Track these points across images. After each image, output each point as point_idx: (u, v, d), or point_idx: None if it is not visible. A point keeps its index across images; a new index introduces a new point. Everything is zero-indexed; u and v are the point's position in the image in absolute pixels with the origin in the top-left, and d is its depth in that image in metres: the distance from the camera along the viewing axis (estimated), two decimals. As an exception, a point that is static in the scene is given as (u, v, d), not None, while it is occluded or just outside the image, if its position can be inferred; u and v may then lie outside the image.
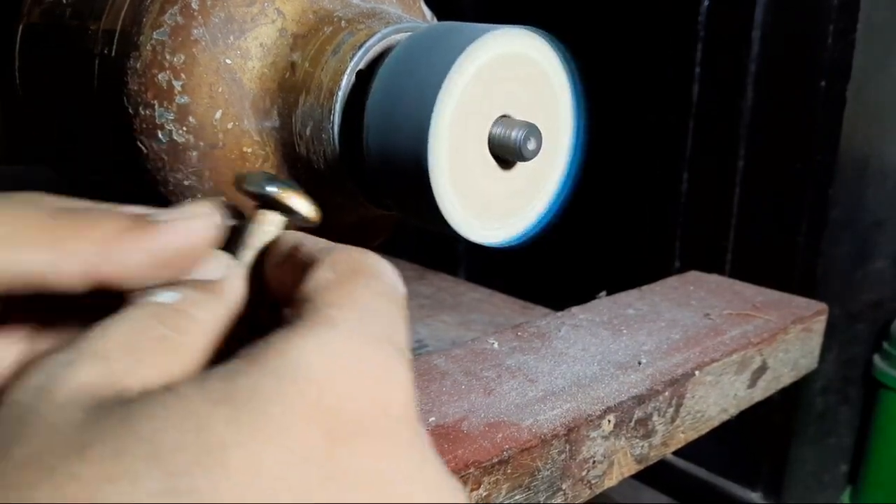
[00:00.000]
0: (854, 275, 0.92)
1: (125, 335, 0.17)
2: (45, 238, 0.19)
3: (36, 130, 0.42)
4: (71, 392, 0.15)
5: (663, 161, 0.95)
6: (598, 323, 0.41)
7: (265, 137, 0.32)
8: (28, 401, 0.15)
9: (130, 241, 0.19)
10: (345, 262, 0.19)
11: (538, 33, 0.28)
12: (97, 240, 0.19)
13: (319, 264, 0.19)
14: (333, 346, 0.16)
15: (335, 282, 0.18)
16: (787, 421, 0.91)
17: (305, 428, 0.15)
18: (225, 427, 0.14)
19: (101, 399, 0.15)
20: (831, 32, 0.80)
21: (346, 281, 0.18)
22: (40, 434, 0.14)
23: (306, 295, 0.18)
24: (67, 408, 0.15)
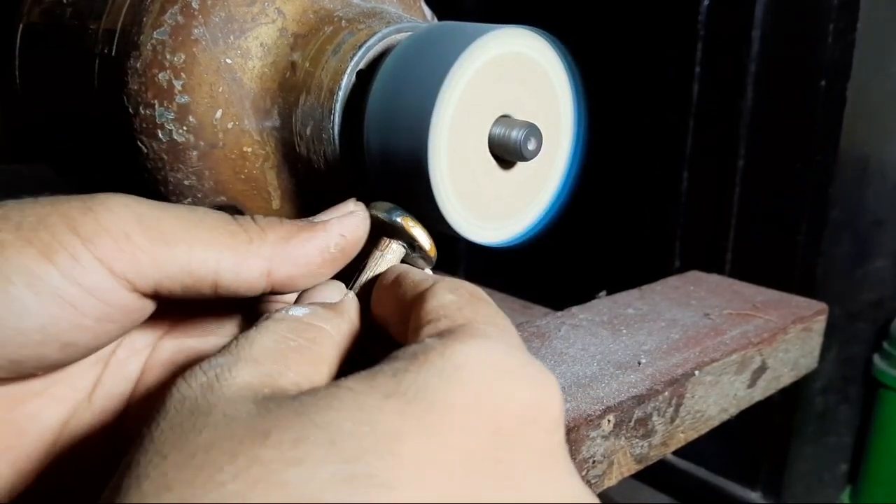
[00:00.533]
0: (854, 274, 0.92)
1: (270, 344, 0.19)
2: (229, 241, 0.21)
3: (36, 130, 0.42)
4: (237, 389, 0.17)
5: (663, 161, 0.95)
6: (598, 323, 0.41)
7: (265, 137, 0.32)
8: (197, 395, 0.17)
9: (303, 239, 0.22)
10: (461, 287, 0.21)
11: (539, 33, 0.28)
12: (274, 241, 0.22)
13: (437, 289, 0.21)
14: (490, 353, 0.17)
15: (465, 302, 0.20)
16: (787, 420, 0.91)
17: (472, 425, 0.16)
18: (396, 418, 0.15)
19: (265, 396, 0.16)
20: (831, 32, 0.80)
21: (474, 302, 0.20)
22: (219, 422, 0.15)
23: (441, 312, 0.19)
24: (238, 401, 0.16)
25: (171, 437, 0.15)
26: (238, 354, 0.18)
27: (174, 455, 0.15)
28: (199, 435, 0.15)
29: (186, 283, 0.21)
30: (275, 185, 0.33)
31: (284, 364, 0.18)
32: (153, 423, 0.16)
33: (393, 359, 0.17)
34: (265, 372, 0.18)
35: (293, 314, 0.20)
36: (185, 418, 0.16)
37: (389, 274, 0.24)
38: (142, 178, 0.33)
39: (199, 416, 0.16)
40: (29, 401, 0.22)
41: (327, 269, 0.23)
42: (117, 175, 0.36)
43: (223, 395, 0.16)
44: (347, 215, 0.24)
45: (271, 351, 0.18)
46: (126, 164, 0.34)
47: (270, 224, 0.22)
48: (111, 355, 0.24)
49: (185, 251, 0.20)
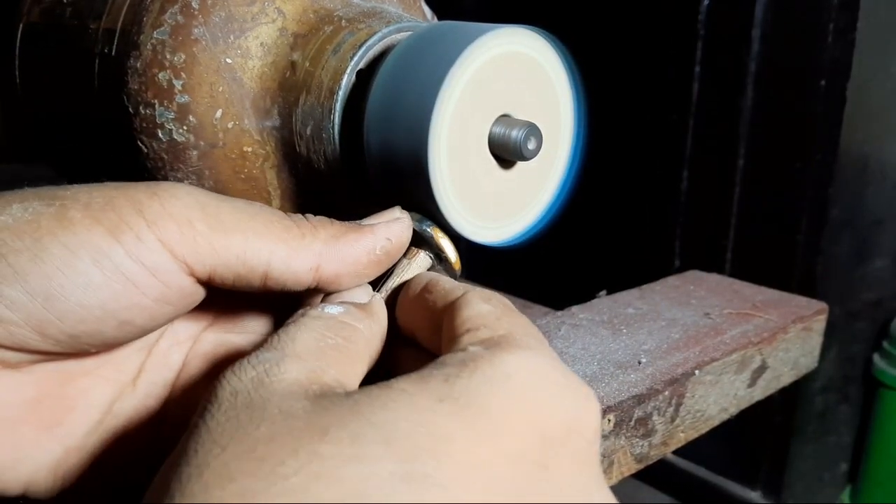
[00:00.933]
0: (854, 274, 0.92)
1: (311, 342, 0.19)
2: (283, 234, 0.22)
3: (36, 129, 0.42)
4: (287, 384, 0.17)
5: (663, 161, 0.95)
6: (598, 322, 0.41)
7: (265, 137, 0.32)
8: (249, 389, 0.17)
9: (351, 240, 0.23)
10: (494, 297, 0.22)
11: (539, 33, 0.28)
12: (325, 238, 0.23)
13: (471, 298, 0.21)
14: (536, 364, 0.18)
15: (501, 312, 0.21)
16: (787, 420, 0.91)
17: (521, 431, 0.16)
18: (450, 421, 0.16)
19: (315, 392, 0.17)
20: (831, 32, 0.80)
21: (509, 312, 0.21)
22: (276, 417, 0.16)
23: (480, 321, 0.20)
24: (291, 397, 0.17)
25: (228, 428, 0.16)
26: (283, 350, 0.19)
27: (234, 446, 0.15)
28: (258, 428, 0.16)
29: (240, 271, 0.21)
30: (275, 184, 0.33)
31: (325, 361, 0.19)
32: (207, 413, 0.17)
33: (441, 364, 0.18)
34: (310, 368, 0.18)
35: (329, 312, 0.21)
36: (241, 411, 0.16)
37: (417, 281, 0.25)
38: (142, 178, 0.33)
39: (255, 409, 0.16)
40: (79, 378, 0.22)
41: (372, 269, 0.24)
42: (117, 175, 0.36)
43: (275, 390, 0.17)
44: (393, 221, 0.25)
45: (312, 348, 0.19)
46: (126, 163, 0.34)
47: (322, 222, 0.23)
48: (154, 344, 0.24)
49: (241, 240, 0.21)
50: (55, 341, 0.20)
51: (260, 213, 0.22)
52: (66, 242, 0.19)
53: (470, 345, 0.19)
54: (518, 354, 0.18)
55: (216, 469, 0.15)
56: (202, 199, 0.21)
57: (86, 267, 0.19)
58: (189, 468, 0.15)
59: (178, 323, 0.25)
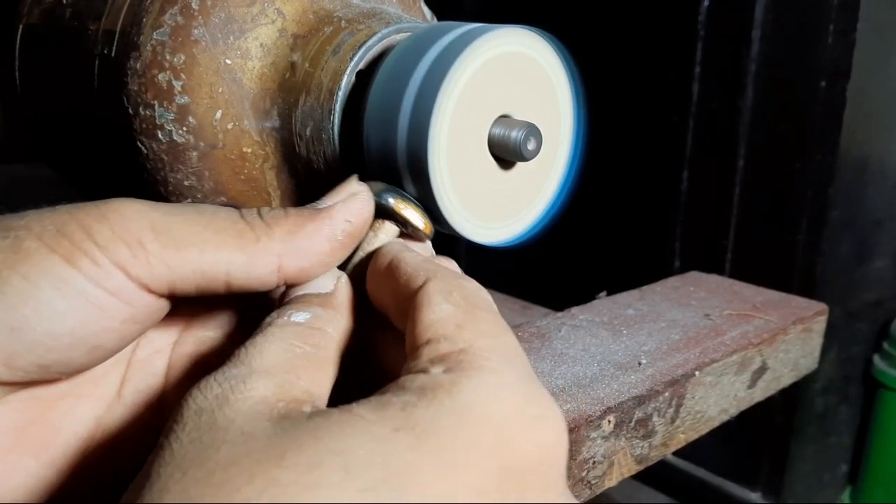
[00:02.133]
0: (854, 274, 0.92)
1: (279, 354, 0.19)
2: (237, 241, 0.21)
3: (36, 130, 0.42)
4: (252, 403, 0.17)
5: (663, 161, 0.95)
6: (598, 323, 0.41)
7: (265, 138, 0.32)
8: (213, 408, 0.17)
9: (310, 231, 0.22)
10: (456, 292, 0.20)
11: (538, 33, 0.28)
12: (281, 236, 0.22)
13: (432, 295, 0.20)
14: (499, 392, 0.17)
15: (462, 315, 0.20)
16: (788, 421, 0.91)
17: (482, 464, 0.16)
18: (408, 453, 0.16)
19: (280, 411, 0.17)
20: (831, 32, 0.80)
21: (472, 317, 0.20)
22: (237, 439, 0.16)
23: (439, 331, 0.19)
24: (254, 417, 0.17)
25: (190, 451, 0.16)
26: (251, 366, 0.18)
27: (194, 471, 0.15)
28: (218, 451, 0.16)
29: (199, 283, 0.21)
30: (274, 185, 0.33)
31: (295, 373, 0.19)
32: (171, 434, 0.17)
33: (401, 389, 0.17)
34: (278, 383, 0.18)
35: (296, 320, 0.21)
36: (204, 432, 0.16)
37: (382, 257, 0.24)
38: (141, 179, 0.33)
39: (218, 430, 0.16)
40: (59, 401, 0.22)
41: (336, 256, 0.23)
42: (117, 175, 0.36)
43: (239, 409, 0.17)
44: (351, 198, 0.24)
45: (280, 361, 0.19)
46: (126, 164, 0.34)
47: (276, 218, 0.22)
48: (132, 355, 0.24)
49: (195, 255, 0.21)
50: (24, 372, 0.20)
51: (213, 221, 0.21)
52: (26, 273, 0.19)
53: (430, 361, 0.19)
54: (479, 380, 0.17)
55: (176, 494, 0.15)
56: (151, 216, 0.21)
57: (48, 296, 0.19)
58: (151, 492, 0.15)
59: (152, 332, 0.25)
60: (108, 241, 0.20)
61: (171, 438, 0.17)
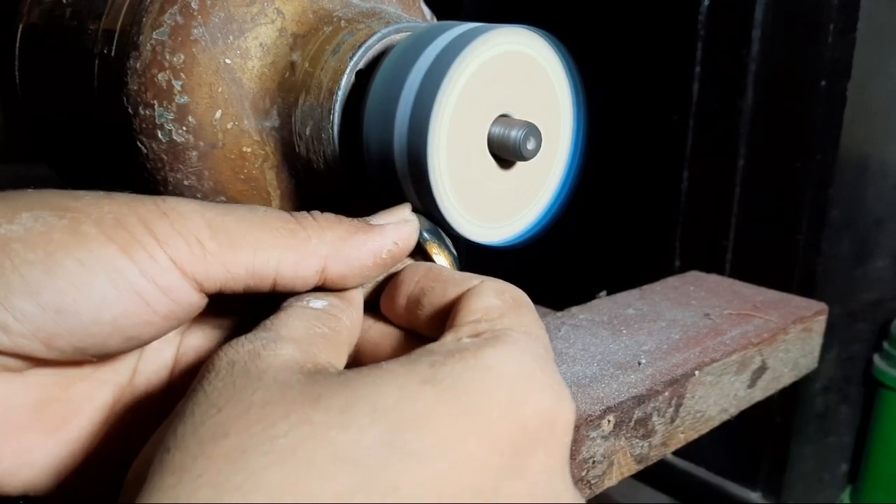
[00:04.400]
0: (854, 274, 0.92)
1: (303, 329, 0.20)
2: (290, 241, 0.22)
3: (36, 130, 0.42)
4: (283, 361, 0.18)
5: (663, 161, 0.95)
6: (598, 323, 0.41)
7: (265, 137, 0.32)
8: (246, 360, 0.18)
9: (359, 242, 0.23)
10: (508, 293, 0.22)
11: (538, 33, 0.28)
12: (331, 240, 0.23)
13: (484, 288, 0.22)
14: (518, 359, 0.19)
15: (507, 308, 0.21)
16: (787, 421, 0.91)
17: (498, 417, 0.17)
18: (431, 400, 0.17)
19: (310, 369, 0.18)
20: (832, 32, 0.80)
21: (516, 310, 0.21)
22: (271, 385, 0.17)
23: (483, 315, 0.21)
24: (286, 370, 0.18)
25: (224, 392, 0.17)
26: (278, 332, 0.20)
27: (230, 408, 0.16)
28: (253, 394, 0.17)
29: (249, 283, 0.22)
30: (274, 185, 0.33)
31: (316, 347, 0.20)
32: (204, 380, 0.18)
33: (430, 351, 0.19)
34: (304, 350, 0.19)
35: (314, 306, 0.22)
36: (238, 378, 0.17)
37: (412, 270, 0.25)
38: (141, 178, 0.33)
39: (251, 378, 0.17)
40: (79, 382, 0.23)
41: (376, 272, 0.24)
42: (117, 175, 0.36)
43: (271, 363, 0.18)
44: (402, 223, 0.24)
45: (304, 335, 0.20)
46: (126, 164, 0.34)
47: (329, 222, 0.23)
48: None
49: (250, 254, 0.21)
50: (60, 352, 0.20)
51: (265, 219, 0.22)
52: (81, 258, 0.19)
53: (466, 334, 0.20)
54: (503, 350, 0.19)
55: (211, 427, 0.16)
56: (208, 216, 0.21)
57: (101, 284, 0.20)
58: (185, 426, 0.16)
59: None
60: (168, 237, 0.20)
61: (203, 384, 0.17)
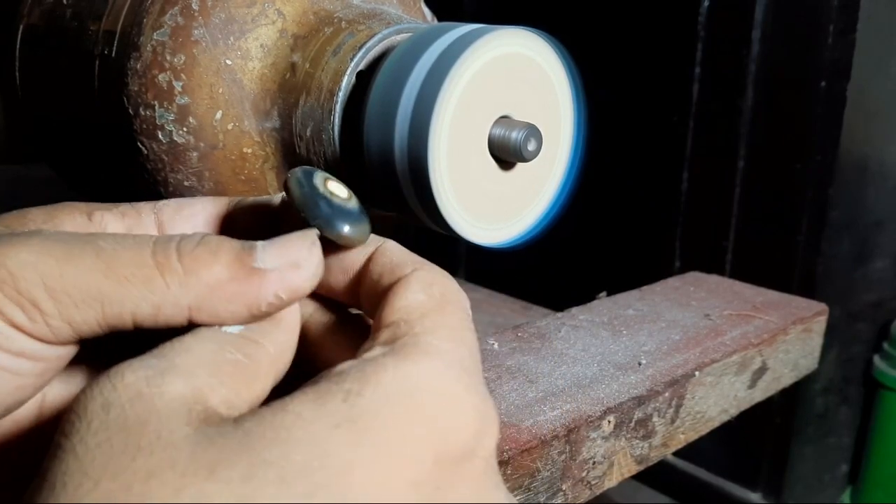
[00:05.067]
0: (854, 275, 0.92)
1: (206, 356, 0.18)
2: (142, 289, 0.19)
3: (36, 130, 0.42)
4: (168, 400, 0.16)
5: (663, 161, 0.95)
6: (599, 323, 0.41)
7: (265, 138, 0.32)
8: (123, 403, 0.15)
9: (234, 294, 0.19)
10: (436, 286, 0.20)
11: (538, 34, 0.28)
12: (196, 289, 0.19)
13: (411, 282, 0.20)
14: (442, 378, 0.17)
15: (431, 309, 0.19)
16: (788, 421, 0.91)
17: (419, 455, 0.16)
18: (347, 451, 0.15)
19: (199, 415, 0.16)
20: (831, 32, 0.80)
21: (440, 309, 0.19)
22: (155, 447, 0.15)
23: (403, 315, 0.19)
24: (173, 421, 0.15)
25: (99, 455, 0.14)
26: (173, 360, 0.17)
27: (107, 482, 0.14)
28: (134, 461, 0.14)
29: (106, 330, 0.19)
30: (275, 185, 0.33)
31: (218, 378, 0.17)
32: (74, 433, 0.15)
33: (342, 377, 0.17)
34: (198, 385, 0.17)
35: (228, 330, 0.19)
36: (114, 433, 0.15)
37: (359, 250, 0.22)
38: (142, 179, 0.33)
39: (130, 433, 0.15)
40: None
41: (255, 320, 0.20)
42: (117, 176, 0.36)
43: (153, 407, 0.15)
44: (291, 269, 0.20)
45: (206, 364, 0.17)
46: (126, 164, 0.34)
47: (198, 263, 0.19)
48: None
49: (97, 311, 0.19)
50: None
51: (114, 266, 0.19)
52: None
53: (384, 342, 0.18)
54: (423, 365, 0.17)
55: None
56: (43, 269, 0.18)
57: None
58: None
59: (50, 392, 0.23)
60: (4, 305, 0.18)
61: (73, 439, 0.15)
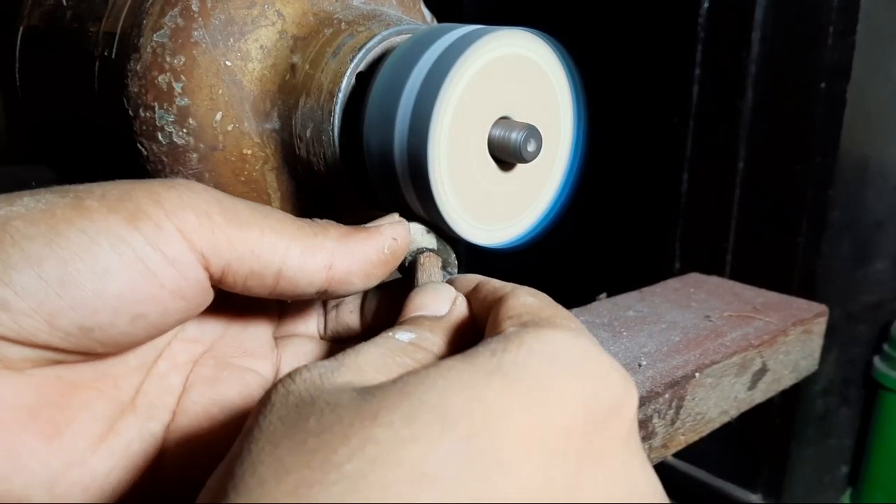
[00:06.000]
0: (854, 276, 0.92)
1: (377, 357, 0.19)
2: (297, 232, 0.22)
3: (36, 132, 0.42)
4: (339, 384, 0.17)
5: (663, 161, 0.95)
6: (599, 325, 0.41)
7: (265, 139, 0.32)
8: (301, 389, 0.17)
9: (361, 238, 0.24)
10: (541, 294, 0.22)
11: (538, 35, 0.28)
12: (335, 237, 0.23)
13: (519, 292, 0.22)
14: (582, 344, 0.18)
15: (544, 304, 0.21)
16: (788, 423, 0.91)
17: (570, 407, 0.17)
18: (502, 396, 0.16)
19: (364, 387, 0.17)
20: (831, 33, 0.80)
21: (552, 305, 0.21)
22: (324, 409, 0.16)
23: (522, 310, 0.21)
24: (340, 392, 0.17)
25: (280, 427, 0.16)
26: (343, 360, 0.19)
27: (286, 442, 0.15)
28: (307, 422, 0.16)
29: (254, 267, 0.21)
30: (275, 187, 0.33)
31: (387, 375, 0.19)
32: (260, 415, 0.17)
33: (486, 343, 0.18)
34: (367, 378, 0.18)
35: (399, 339, 0.21)
36: (291, 410, 0.16)
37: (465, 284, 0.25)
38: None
39: (304, 406, 0.16)
40: (79, 390, 0.22)
41: (381, 269, 0.24)
42: (117, 177, 0.36)
43: (325, 388, 0.17)
44: (396, 223, 0.25)
45: (375, 363, 0.19)
46: (126, 166, 0.34)
47: (330, 223, 0.24)
48: (153, 365, 0.24)
49: (257, 235, 0.21)
50: (65, 333, 0.19)
51: (273, 212, 0.22)
52: (84, 229, 0.19)
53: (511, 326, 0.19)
54: (563, 333, 0.18)
55: (270, 464, 0.15)
56: (218, 196, 0.21)
57: (105, 253, 0.19)
58: (243, 466, 0.15)
59: (176, 344, 0.25)
60: (177, 208, 0.20)
61: (258, 419, 0.17)
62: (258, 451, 0.15)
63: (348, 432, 0.15)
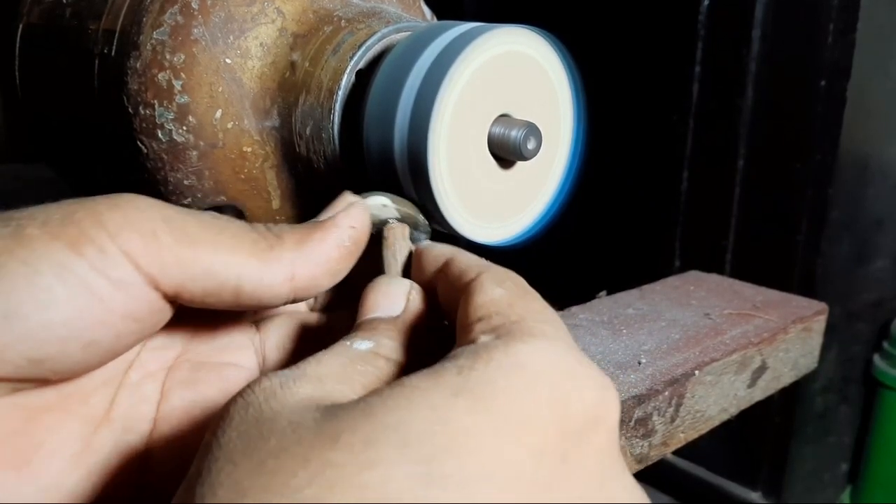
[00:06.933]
0: (854, 274, 0.92)
1: (336, 367, 0.19)
2: (251, 247, 0.21)
3: (36, 130, 0.42)
4: (299, 399, 0.17)
5: (663, 161, 0.95)
6: (598, 323, 0.41)
7: (265, 137, 0.32)
8: (260, 401, 0.17)
9: (318, 239, 0.22)
10: (508, 279, 0.21)
11: (538, 32, 0.28)
12: (292, 245, 0.22)
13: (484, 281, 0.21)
14: (552, 353, 0.17)
15: (514, 297, 0.20)
16: (787, 420, 0.91)
17: (540, 424, 0.16)
18: (466, 417, 0.15)
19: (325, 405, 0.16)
20: (831, 32, 0.80)
21: (522, 297, 0.20)
22: (285, 428, 0.16)
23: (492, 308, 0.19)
24: (301, 410, 0.16)
25: (239, 444, 0.16)
26: (304, 370, 0.18)
27: (245, 462, 0.15)
28: (267, 442, 0.15)
29: (208, 286, 0.20)
30: (274, 184, 0.33)
31: (349, 385, 0.18)
32: (218, 430, 0.16)
33: (454, 357, 0.17)
34: (328, 389, 0.18)
35: (358, 348, 0.20)
36: (251, 425, 0.16)
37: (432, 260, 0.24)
38: (142, 178, 0.33)
39: (264, 422, 0.16)
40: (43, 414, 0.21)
41: (345, 263, 0.23)
42: (117, 175, 0.36)
43: (286, 402, 0.17)
44: (349, 207, 0.24)
45: (335, 373, 0.19)
46: (126, 163, 0.34)
47: (283, 230, 0.22)
48: (124, 376, 0.23)
49: (209, 253, 0.20)
50: (14, 367, 0.19)
51: (227, 227, 0.21)
52: (25, 259, 0.18)
53: (482, 334, 0.19)
54: (531, 343, 0.17)
55: (229, 487, 0.15)
56: (166, 212, 0.20)
57: (48, 282, 0.18)
58: (203, 488, 0.15)
59: (145, 354, 0.24)
60: (120, 229, 0.19)
61: (217, 434, 0.16)
62: (217, 472, 0.15)
63: (308, 455, 0.15)
